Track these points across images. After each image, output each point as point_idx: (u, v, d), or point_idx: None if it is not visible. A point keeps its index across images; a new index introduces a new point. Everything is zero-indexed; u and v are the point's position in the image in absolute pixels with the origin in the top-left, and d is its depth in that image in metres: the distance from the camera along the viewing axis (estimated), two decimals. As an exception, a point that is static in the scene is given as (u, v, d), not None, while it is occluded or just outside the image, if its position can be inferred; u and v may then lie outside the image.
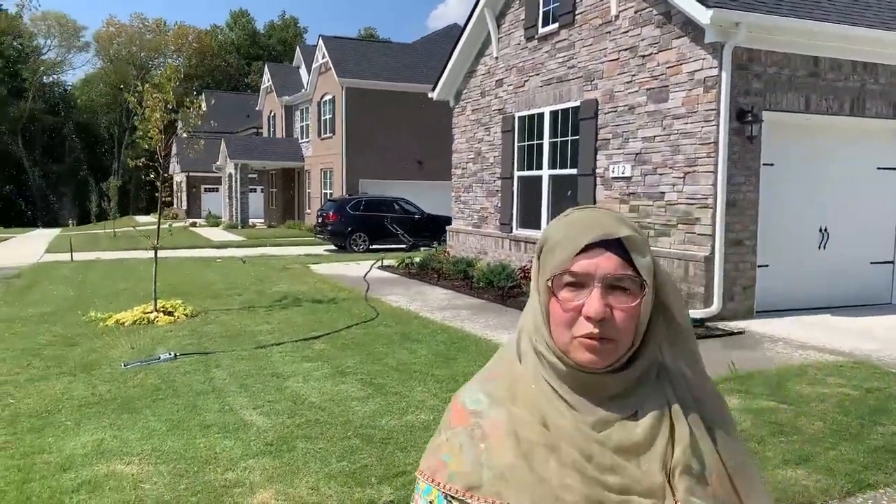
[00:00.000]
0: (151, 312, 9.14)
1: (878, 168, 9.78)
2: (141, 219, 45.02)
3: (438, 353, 7.24)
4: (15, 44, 64.84)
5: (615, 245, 1.00)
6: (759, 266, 8.93)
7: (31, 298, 11.33)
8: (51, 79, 68.81)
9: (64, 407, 5.56)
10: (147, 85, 8.97)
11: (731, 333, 8.04)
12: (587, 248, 0.99)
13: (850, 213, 9.62)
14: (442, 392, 5.85)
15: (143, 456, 4.54)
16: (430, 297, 11.08)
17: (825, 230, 9.52)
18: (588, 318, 0.97)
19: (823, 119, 9.09)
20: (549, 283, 1.01)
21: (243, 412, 5.40)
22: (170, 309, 9.37)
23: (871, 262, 9.93)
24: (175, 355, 7.13)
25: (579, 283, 0.99)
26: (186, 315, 9.30)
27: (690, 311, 8.57)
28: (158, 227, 9.66)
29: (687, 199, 8.90)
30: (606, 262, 0.99)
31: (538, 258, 1.06)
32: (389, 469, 4.31)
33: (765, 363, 6.79)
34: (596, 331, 0.97)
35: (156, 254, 9.66)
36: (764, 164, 8.81)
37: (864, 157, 9.67)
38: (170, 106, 9.09)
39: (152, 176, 9.29)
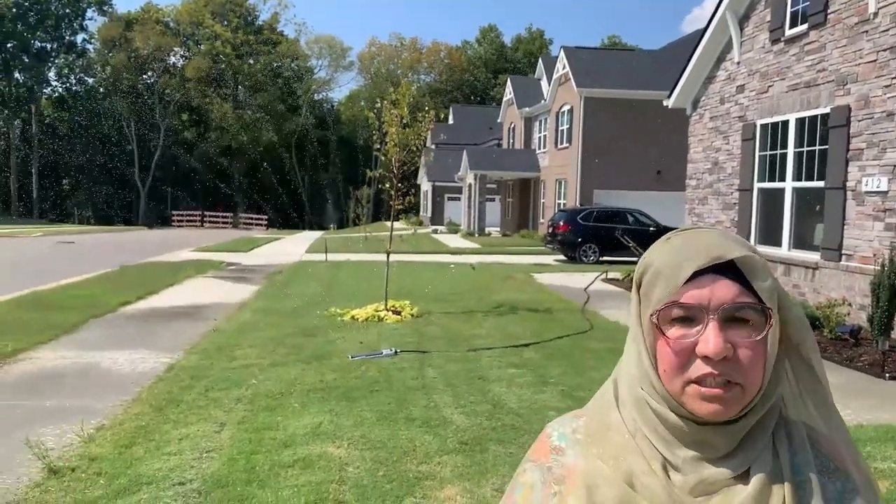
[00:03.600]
0: (382, 311, 9.86)
1: None
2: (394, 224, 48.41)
3: (647, 370, 7.02)
4: (293, 65, 73.12)
5: (729, 270, 0.86)
6: None
7: (286, 293, 12.74)
8: (320, 96, 76.61)
9: (295, 391, 6.22)
10: (385, 101, 9.71)
11: None
12: (696, 276, 0.85)
13: None
14: (643, 410, 5.68)
15: (353, 441, 4.96)
16: (651, 313, 10.73)
17: None
18: (705, 359, 0.83)
19: None
20: (655, 319, 0.86)
21: (446, 410, 5.67)
22: (398, 308, 10.05)
23: None
24: (396, 351, 7.65)
25: (690, 317, 0.85)
26: (412, 315, 9.91)
27: (955, 346, 7.46)
28: (391, 234, 10.42)
29: (955, 217, 7.75)
30: (722, 290, 0.84)
31: (637, 291, 0.92)
32: (575, 481, 4.29)
33: None
34: (716, 372, 0.82)
35: (388, 258, 10.41)
36: None
37: None
38: (404, 121, 9.76)
39: (387, 185, 10.04)
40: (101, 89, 65.39)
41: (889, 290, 7.45)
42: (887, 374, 6.88)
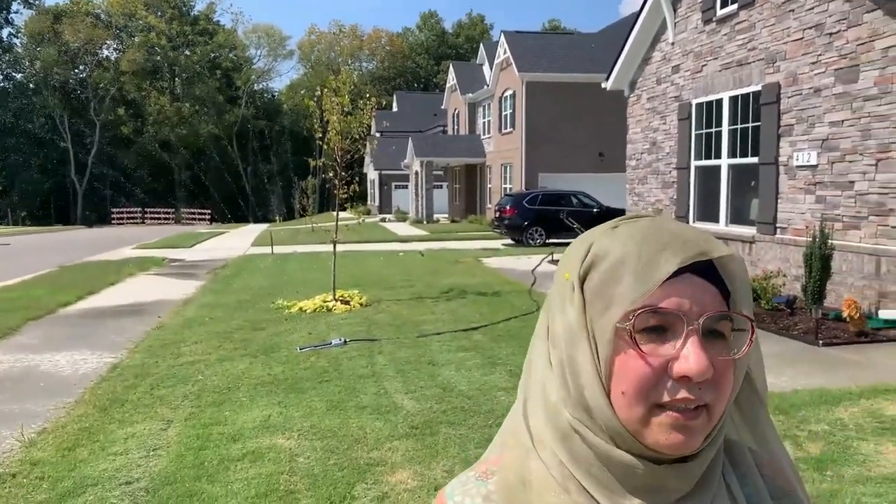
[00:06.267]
0: (330, 301, 9.82)
1: None
2: (340, 214, 48.07)
3: (593, 347, 7.16)
4: (231, 55, 71.73)
5: (706, 271, 0.70)
6: (970, 262, 7.92)
7: (232, 287, 12.57)
8: (260, 86, 75.36)
9: (243, 385, 6.17)
10: (325, 90, 9.63)
11: (930, 337, 7.21)
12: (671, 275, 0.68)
13: None
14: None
15: (302, 432, 4.95)
16: (596, 292, 10.94)
17: None
18: (683, 379, 0.66)
19: None
20: (629, 326, 0.67)
21: (396, 396, 5.70)
22: (347, 298, 10.02)
23: None
24: (345, 341, 7.64)
25: (663, 326, 0.68)
26: (361, 304, 9.90)
27: (883, 312, 7.81)
28: (336, 224, 10.34)
29: (879, 188, 8.08)
30: (705, 297, 0.69)
31: (580, 287, 0.71)
32: (524, 459, 4.37)
33: (965, 371, 6.04)
34: (692, 397, 0.66)
35: (334, 248, 10.35)
36: (976, 148, 7.78)
37: None
38: (346, 109, 9.70)
39: (331, 175, 9.97)
40: (31, 85, 63.07)
41: (820, 260, 7.74)
42: (821, 341, 7.16)
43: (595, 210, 21.56)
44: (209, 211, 56.08)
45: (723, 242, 0.72)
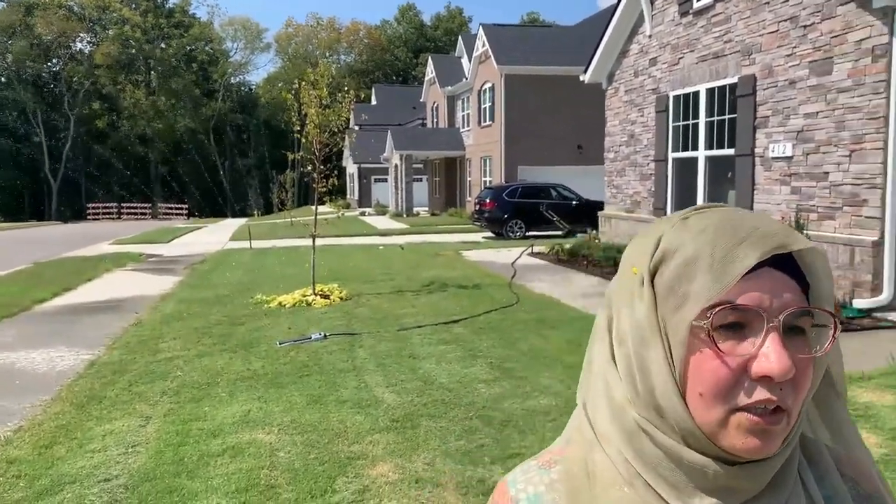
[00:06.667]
0: (310, 296, 9.78)
1: None
2: (319, 208, 47.87)
3: (572, 340, 7.21)
4: (207, 48, 71.03)
5: (785, 264, 0.67)
6: (941, 251, 8.06)
7: (211, 282, 12.48)
8: (237, 79, 74.72)
9: (222, 380, 6.13)
10: (303, 83, 9.57)
11: (903, 325, 7.34)
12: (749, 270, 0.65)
13: None
14: (568, 378, 5.84)
15: (283, 426, 4.94)
16: (574, 285, 11.00)
17: None
18: (764, 379, 0.63)
19: None
20: (707, 325, 0.64)
21: (377, 390, 5.70)
22: (326, 292, 9.99)
23: None
24: (325, 335, 7.62)
25: (741, 323, 0.65)
26: (341, 298, 9.87)
27: (857, 301, 7.93)
28: (315, 218, 10.30)
29: (853, 179, 8.19)
30: (784, 290, 0.65)
31: (650, 283, 0.69)
32: (504, 451, 4.39)
33: (936, 358, 6.16)
34: (775, 398, 0.64)
35: (314, 242, 10.31)
36: (946, 139, 7.91)
37: None
38: (324, 102, 9.65)
39: (310, 168, 9.93)
40: (3, 79, 62.04)
41: (795, 250, 7.82)
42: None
43: (574, 202, 21.66)
44: (186, 205, 55.66)
45: (802, 234, 0.69)
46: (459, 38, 40.09)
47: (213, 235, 26.25)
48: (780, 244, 0.65)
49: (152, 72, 67.80)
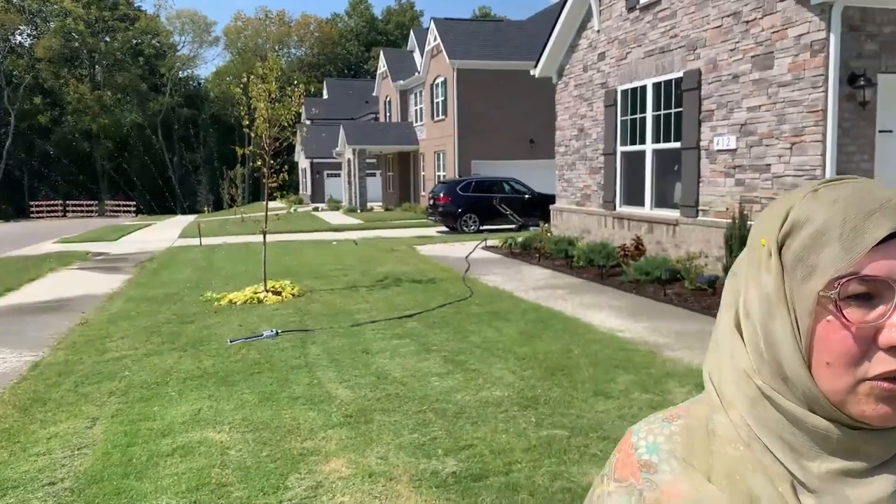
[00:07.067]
0: (261, 292, 9.68)
1: None
2: (270, 204, 47.28)
3: (524, 331, 7.29)
4: (154, 42, 69.48)
5: None
6: (877, 240, 8.35)
7: (159, 280, 12.25)
8: (186, 73, 73.26)
9: (172, 379, 6.04)
10: (252, 76, 9.44)
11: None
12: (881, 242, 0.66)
13: None
14: (521, 370, 5.91)
15: (234, 425, 4.89)
16: (527, 277, 11.11)
17: (955, 200, 8.75)
18: (891, 350, 0.64)
19: (952, 79, 8.33)
20: (835, 295, 0.66)
21: (330, 386, 5.69)
22: (278, 289, 9.90)
23: None
24: (277, 332, 7.56)
25: (870, 293, 0.66)
26: (293, 295, 9.79)
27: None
28: (266, 213, 10.19)
29: (794, 170, 8.44)
30: None
31: (778, 253, 0.70)
32: (457, 442, 4.43)
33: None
34: None
35: (264, 238, 10.20)
36: (880, 132, 8.21)
37: None
38: (273, 96, 9.54)
39: (259, 163, 9.81)
40: (-63, 72, 59.77)
41: (740, 241, 8.05)
42: (740, 319, 7.45)
43: (527, 196, 21.83)
44: (134, 202, 54.43)
45: None
46: (411, 32, 39.98)
47: (162, 232, 25.75)
48: None
49: (97, 66, 66.02)
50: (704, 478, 0.73)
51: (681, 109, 10.59)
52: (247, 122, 9.80)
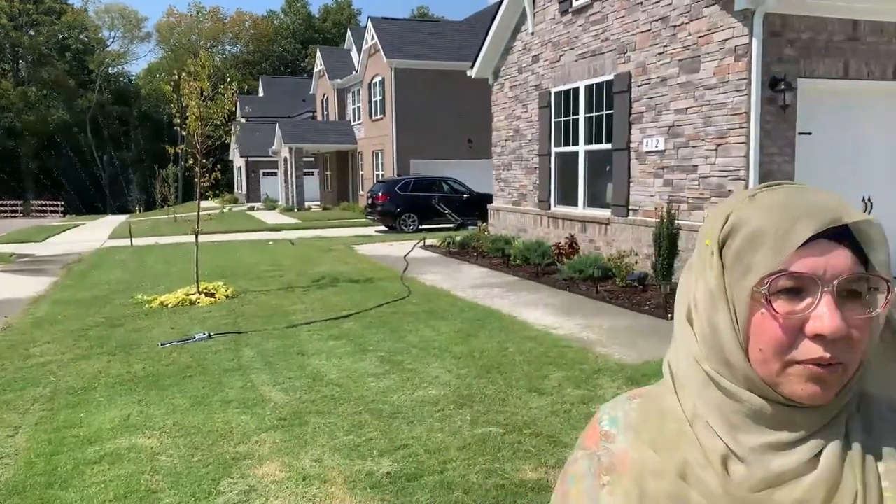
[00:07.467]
0: (194, 294, 9.50)
1: (927, 133, 9.38)
2: (203, 203, 46.31)
3: (461, 330, 7.35)
4: (82, 37, 67.17)
5: (842, 236, 0.75)
6: (797, 238, 8.71)
7: (88, 282, 11.89)
8: (116, 70, 71.10)
9: (100, 384, 5.89)
10: (184, 74, 9.26)
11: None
12: (807, 241, 0.74)
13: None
14: (457, 368, 5.97)
15: (165, 430, 4.80)
16: (465, 276, 11.20)
17: (868, 199, 9.19)
18: (817, 338, 0.72)
19: (864, 84, 8.75)
20: (765, 290, 0.74)
21: (264, 388, 5.63)
22: (211, 290, 9.73)
23: (921, 232, 9.55)
24: (209, 335, 7.43)
25: (798, 288, 0.74)
26: (227, 296, 9.64)
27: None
28: (198, 213, 10.00)
29: (720, 171, 8.73)
30: (838, 259, 0.74)
31: (719, 252, 0.79)
32: (393, 442, 4.45)
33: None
34: (827, 355, 0.72)
35: (196, 238, 10.01)
36: (800, 134, 8.56)
37: (911, 122, 9.28)
38: (206, 94, 9.37)
39: (191, 162, 9.62)
40: None
41: (668, 239, 8.29)
42: (670, 315, 7.68)
43: (465, 195, 21.98)
44: (62, 202, 52.56)
45: (856, 208, 0.76)
46: (349, 30, 39.72)
47: (91, 233, 24.95)
48: (834, 218, 0.74)
49: (21, 60, 63.46)
50: (650, 448, 0.83)
51: (612, 111, 10.83)
52: (178, 121, 9.60)
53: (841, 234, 0.75)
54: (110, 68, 69.23)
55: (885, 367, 0.82)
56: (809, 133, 8.68)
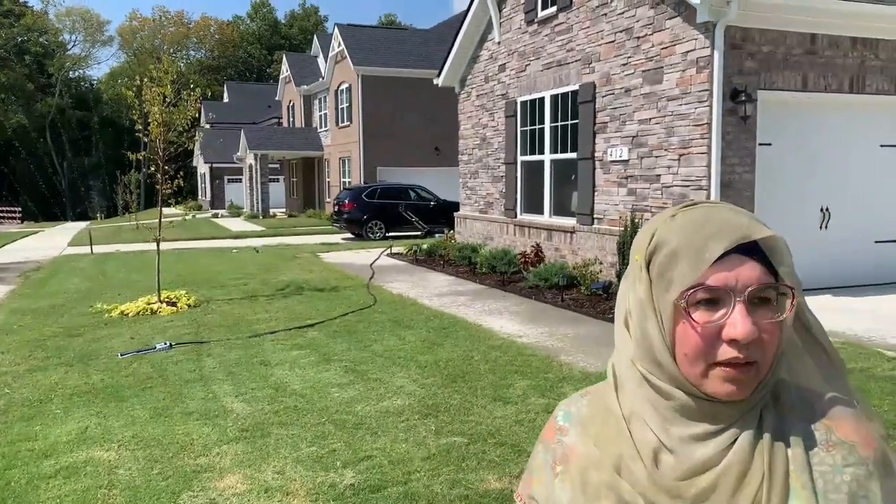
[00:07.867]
0: (155, 303, 9.34)
1: (882, 146, 9.63)
2: (166, 210, 45.63)
3: (426, 339, 7.33)
4: (42, 40, 65.90)
5: (752, 249, 0.84)
6: (757, 247, 8.85)
7: (46, 291, 11.62)
8: (77, 74, 69.87)
9: (56, 396, 5.74)
10: (145, 79, 9.12)
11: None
12: (720, 256, 0.83)
13: (853, 192, 9.49)
14: (422, 378, 5.94)
15: (123, 442, 4.70)
16: (431, 284, 11.18)
17: (826, 210, 9.41)
18: (732, 342, 0.82)
19: (822, 97, 8.96)
20: (683, 303, 0.83)
21: (226, 399, 5.55)
22: (173, 299, 9.57)
23: (876, 241, 9.80)
24: (170, 345, 7.31)
25: (714, 298, 0.83)
26: (189, 305, 9.49)
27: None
28: (160, 220, 9.85)
29: (682, 181, 8.85)
30: (748, 272, 0.83)
31: (647, 270, 0.88)
32: (356, 453, 4.41)
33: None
34: (742, 356, 0.82)
35: (158, 246, 9.85)
36: (760, 144, 8.72)
37: (866, 134, 9.52)
38: (168, 100, 9.24)
39: (153, 169, 9.48)
40: None
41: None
42: (633, 323, 7.74)
43: (432, 203, 21.98)
44: (19, 209, 51.36)
45: (765, 226, 0.86)
46: (315, 37, 39.60)
47: (50, 240, 24.41)
48: (743, 235, 0.83)
49: (-24, 63, 62.00)
50: (593, 443, 0.94)
51: (577, 121, 10.92)
52: (140, 127, 9.44)
53: (751, 249, 0.84)
54: (71, 72, 68.03)
55: (799, 359, 0.93)
56: (770, 144, 8.85)
